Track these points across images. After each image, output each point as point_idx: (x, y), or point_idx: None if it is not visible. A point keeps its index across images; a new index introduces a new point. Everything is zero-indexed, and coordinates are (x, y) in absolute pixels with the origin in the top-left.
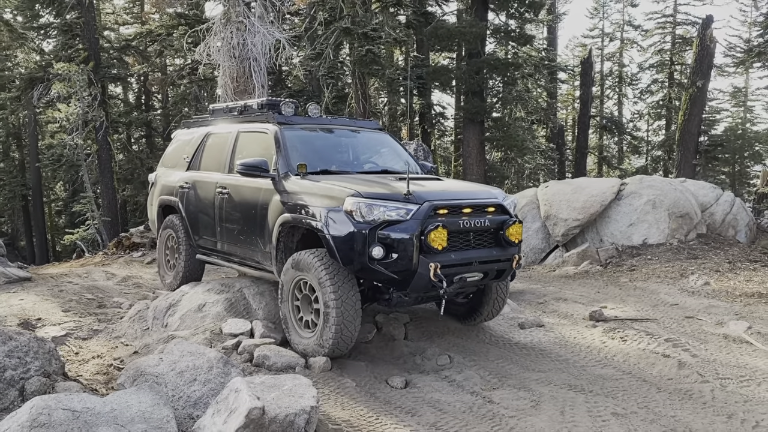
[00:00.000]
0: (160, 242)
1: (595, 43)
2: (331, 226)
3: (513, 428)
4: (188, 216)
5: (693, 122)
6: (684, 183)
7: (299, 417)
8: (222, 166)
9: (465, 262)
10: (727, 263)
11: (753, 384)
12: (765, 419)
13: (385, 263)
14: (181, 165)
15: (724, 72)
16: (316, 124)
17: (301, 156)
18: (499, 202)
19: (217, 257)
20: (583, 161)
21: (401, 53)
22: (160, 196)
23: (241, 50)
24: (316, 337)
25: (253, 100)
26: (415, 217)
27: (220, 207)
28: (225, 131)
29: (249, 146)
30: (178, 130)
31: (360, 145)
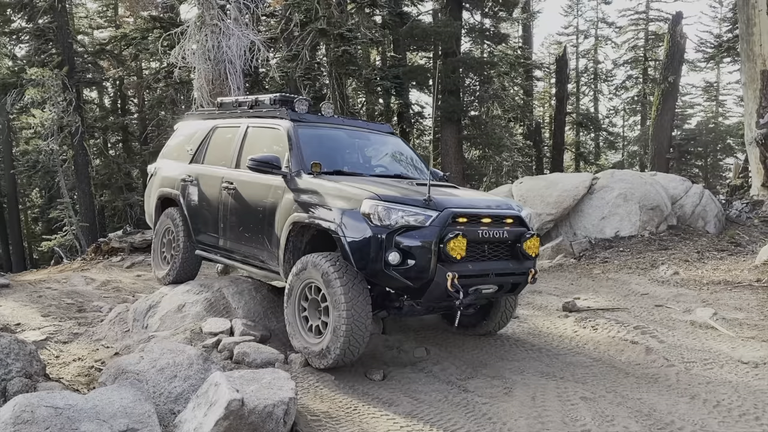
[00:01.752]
0: (156, 235)
1: (570, 40)
2: (347, 228)
3: (485, 414)
4: (189, 210)
5: (666, 117)
6: (654, 176)
7: (278, 408)
8: (229, 160)
9: (482, 274)
10: (695, 253)
11: (716, 366)
12: (725, 399)
13: (401, 270)
14: (183, 157)
15: (696, 67)
16: (329, 123)
17: (314, 155)
18: (518, 214)
19: (218, 254)
20: (560, 158)
21: (378, 53)
22: (160, 188)
23: (216, 53)
24: (324, 344)
25: (266, 95)
26: (435, 224)
27: (225, 202)
28: (233, 125)
29: (259, 142)
30: (181, 122)
31: (372, 147)
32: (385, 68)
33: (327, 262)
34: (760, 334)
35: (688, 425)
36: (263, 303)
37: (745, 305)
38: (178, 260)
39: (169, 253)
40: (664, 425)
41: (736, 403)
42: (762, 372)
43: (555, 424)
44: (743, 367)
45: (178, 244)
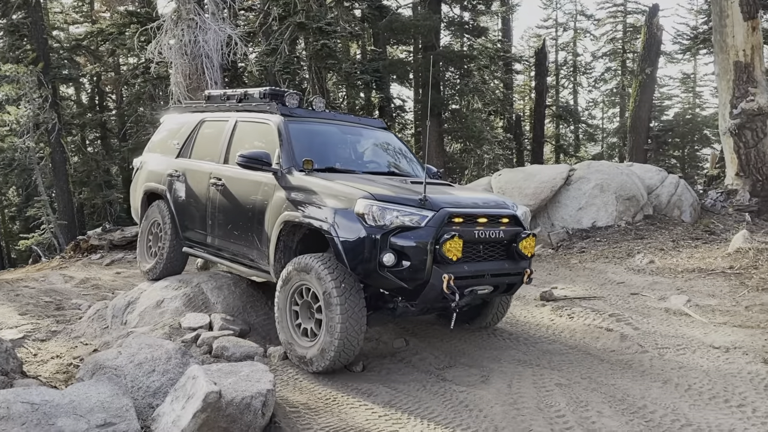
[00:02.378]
0: (143, 228)
1: (549, 33)
2: (340, 228)
3: (462, 401)
4: (176, 206)
5: (643, 109)
6: (631, 167)
7: (256, 400)
8: (217, 155)
9: (477, 275)
10: (671, 242)
11: (688, 352)
12: (697, 383)
13: (395, 271)
14: (170, 151)
15: (673, 59)
16: (321, 118)
17: (306, 151)
18: (514, 213)
19: (205, 252)
20: (540, 150)
21: (358, 47)
22: (146, 182)
23: (193, 47)
24: (317, 347)
25: (255, 89)
26: (430, 225)
27: (213, 199)
28: (221, 119)
29: (248, 137)
30: (167, 115)
31: (365, 143)
32: (366, 62)
33: (320, 263)
34: (732, 319)
35: (660, 409)
36: (242, 298)
37: (718, 292)
38: (164, 255)
39: (155, 247)
40: (637, 409)
41: (707, 387)
42: (732, 356)
43: (530, 410)
44: (715, 351)
45: (165, 239)
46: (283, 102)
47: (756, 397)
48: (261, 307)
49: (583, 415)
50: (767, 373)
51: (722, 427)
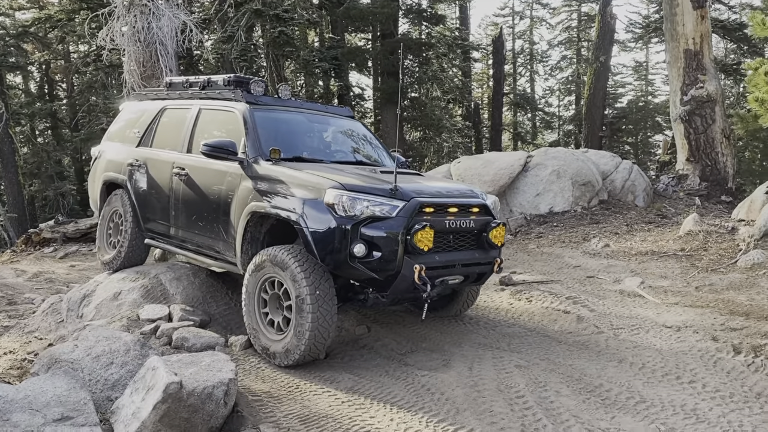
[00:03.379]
0: (102, 219)
1: (506, 21)
2: (309, 219)
3: (425, 386)
4: (137, 196)
5: (598, 96)
6: (586, 153)
7: (217, 389)
8: (179, 144)
9: (448, 265)
10: (625, 226)
11: (642, 332)
12: (650, 361)
13: (366, 262)
14: (130, 140)
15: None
16: (287, 107)
17: (272, 140)
18: (484, 203)
19: (168, 243)
20: (499, 138)
21: (316, 35)
22: (105, 172)
23: (146, 34)
24: (288, 340)
25: (219, 76)
26: (401, 215)
27: (176, 189)
28: (184, 107)
29: (212, 125)
30: (126, 102)
31: (332, 132)
32: (324, 50)
33: (289, 255)
34: (683, 299)
35: (615, 387)
36: (202, 288)
37: (669, 273)
38: (125, 246)
39: (116, 238)
40: (594, 388)
41: (660, 365)
42: (684, 335)
43: (490, 392)
44: (667, 331)
45: (125, 230)
46: (248, 89)
47: (706, 373)
48: (221, 298)
49: (542, 395)
50: (716, 351)
51: (674, 403)
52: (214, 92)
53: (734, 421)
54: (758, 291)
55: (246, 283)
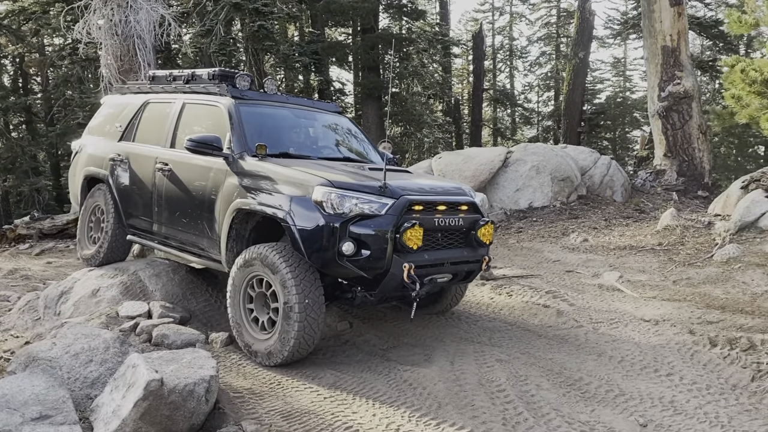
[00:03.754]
0: (83, 213)
1: (486, 17)
2: (297, 216)
3: (407, 380)
4: (119, 192)
5: (576, 92)
6: (565, 149)
7: (199, 386)
8: (163, 139)
9: (437, 263)
10: (603, 221)
11: (621, 325)
12: (629, 354)
13: (354, 260)
14: (112, 134)
15: (605, 43)
16: (273, 101)
17: (258, 135)
18: (472, 201)
19: (151, 240)
20: (479, 134)
21: (296, 29)
22: (87, 166)
23: (123, 28)
24: (274, 339)
25: (204, 70)
26: (390, 213)
27: (159, 185)
28: (167, 101)
29: (196, 120)
30: (108, 96)
31: (319, 128)
32: (304, 44)
33: (276, 253)
34: (661, 293)
35: (594, 380)
36: (182, 285)
37: (647, 267)
38: (106, 242)
39: (97, 233)
40: (573, 381)
41: (638, 358)
42: (661, 328)
43: (472, 386)
44: (645, 324)
45: (107, 225)
46: (234, 84)
47: (683, 365)
48: (201, 294)
49: (522, 388)
50: (693, 343)
51: (653, 395)
52: (198, 86)
53: (711, 413)
54: (733, 285)
55: (232, 280)
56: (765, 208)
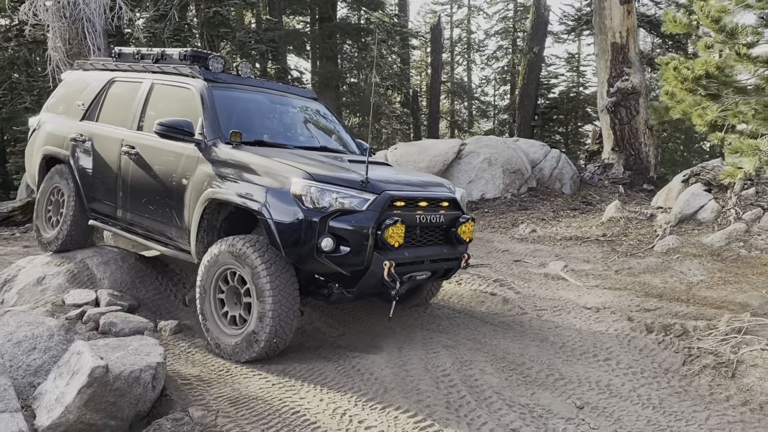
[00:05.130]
0: (41, 195)
1: (445, 9)
2: (274, 209)
3: (355, 366)
4: (80, 174)
5: (531, 86)
6: (517, 142)
7: (145, 373)
8: (129, 120)
9: (417, 261)
10: (552, 212)
11: (564, 313)
12: (570, 340)
13: (333, 257)
14: (73, 113)
15: (560, 39)
16: (247, 86)
17: (232, 121)
18: (453, 197)
19: (114, 226)
20: (436, 126)
21: (253, 16)
22: (45, 145)
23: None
24: (246, 335)
25: (175, 49)
26: (372, 208)
27: (125, 169)
28: (135, 80)
29: (165, 102)
30: (69, 72)
31: (295, 114)
32: (261, 31)
33: (250, 247)
34: (603, 282)
35: (536, 365)
36: (131, 273)
37: (592, 257)
38: (67, 225)
39: (56, 217)
40: (516, 366)
41: (579, 344)
42: (602, 316)
43: (418, 371)
44: (587, 312)
45: (67, 208)
46: (206, 65)
47: (620, 351)
48: (151, 282)
49: (467, 373)
50: (631, 330)
51: (590, 379)
52: (168, 66)
53: (644, 395)
54: (671, 274)
55: (202, 273)
56: (703, 201)
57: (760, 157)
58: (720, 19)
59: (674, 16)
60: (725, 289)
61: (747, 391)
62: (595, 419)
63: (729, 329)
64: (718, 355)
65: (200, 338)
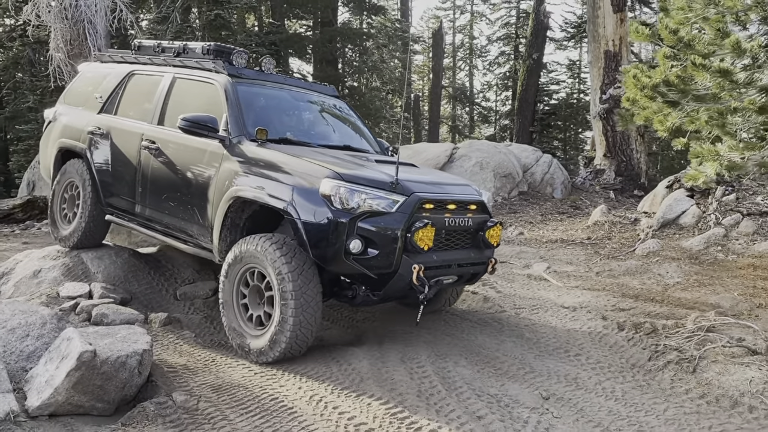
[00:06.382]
0: (56, 189)
1: (447, 15)
2: (302, 209)
3: (335, 358)
4: (98, 168)
5: (530, 92)
6: (509, 146)
7: (131, 358)
8: (150, 115)
9: (445, 264)
10: (540, 216)
11: (542, 311)
12: (544, 337)
13: (362, 259)
14: (91, 105)
15: (561, 45)
16: (271, 82)
17: (257, 118)
18: (481, 200)
19: (132, 221)
20: (436, 130)
21: (255, 19)
22: (62, 138)
23: (74, 12)
24: (269, 336)
25: (198, 43)
26: (402, 211)
27: (144, 164)
28: (156, 74)
29: (188, 97)
30: (86, 64)
31: (318, 112)
32: (262, 35)
33: (273, 245)
34: (583, 283)
35: (509, 359)
36: (124, 267)
37: (575, 260)
38: (84, 221)
39: (71, 211)
40: (489, 360)
41: (553, 341)
42: (578, 314)
43: (394, 363)
44: (564, 311)
45: (85, 203)
46: (230, 60)
47: (591, 347)
48: (143, 277)
49: (441, 365)
50: (603, 328)
51: (559, 372)
52: (190, 60)
53: (608, 388)
54: (650, 276)
55: (226, 272)
56: (685, 206)
57: (720, 162)
58: (678, 30)
59: (637, 26)
60: (699, 291)
61: (706, 385)
62: (559, 409)
63: (695, 327)
64: (682, 352)
65: (188, 330)
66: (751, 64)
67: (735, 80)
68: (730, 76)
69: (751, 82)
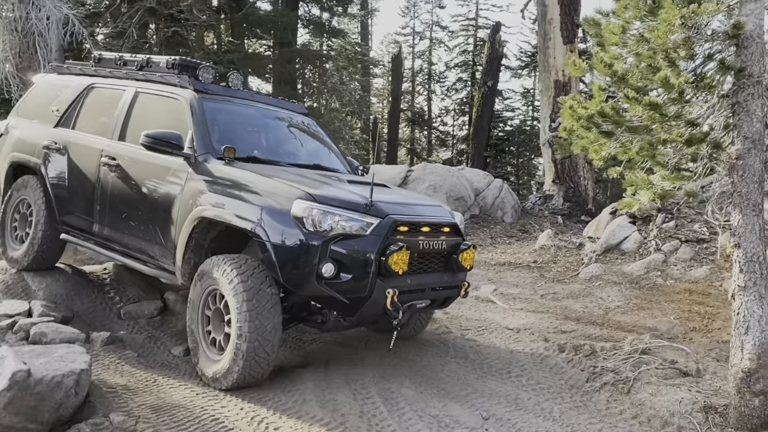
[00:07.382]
0: (6, 207)
1: (407, 40)
2: (272, 231)
3: (279, 379)
4: (53, 185)
5: (485, 118)
6: (462, 170)
7: (68, 378)
8: (110, 130)
9: (419, 288)
10: (490, 239)
11: (486, 333)
12: (488, 358)
13: (334, 283)
14: (47, 118)
15: (517, 74)
16: (239, 98)
17: (223, 135)
18: (454, 222)
19: (89, 241)
20: (395, 153)
21: (214, 37)
22: (14, 152)
23: (24, 24)
24: (225, 361)
25: (161, 57)
26: (376, 233)
27: (104, 181)
28: (118, 87)
29: (151, 112)
30: (41, 75)
31: (286, 130)
32: (221, 53)
33: (231, 264)
34: (528, 305)
35: (452, 380)
36: (67, 285)
37: (521, 282)
38: (37, 241)
39: (23, 231)
40: (433, 381)
41: (495, 361)
42: (521, 336)
43: (338, 384)
44: (508, 332)
45: (38, 222)
46: (196, 76)
47: (533, 368)
48: (87, 295)
49: (384, 386)
50: (545, 349)
51: (500, 393)
52: (154, 74)
53: (546, 408)
54: (592, 300)
55: (190, 295)
56: (628, 232)
57: (654, 190)
58: (612, 64)
59: (574, 60)
60: (638, 314)
61: (639, 405)
62: (498, 429)
63: (631, 349)
64: (618, 373)
65: (131, 350)
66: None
67: (665, 113)
68: (660, 109)
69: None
